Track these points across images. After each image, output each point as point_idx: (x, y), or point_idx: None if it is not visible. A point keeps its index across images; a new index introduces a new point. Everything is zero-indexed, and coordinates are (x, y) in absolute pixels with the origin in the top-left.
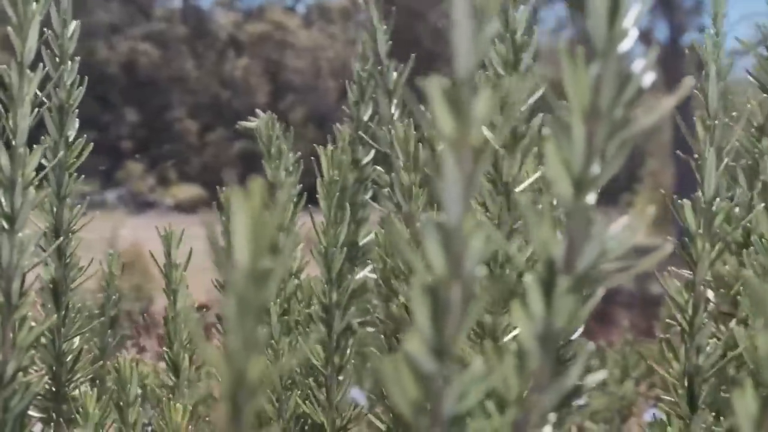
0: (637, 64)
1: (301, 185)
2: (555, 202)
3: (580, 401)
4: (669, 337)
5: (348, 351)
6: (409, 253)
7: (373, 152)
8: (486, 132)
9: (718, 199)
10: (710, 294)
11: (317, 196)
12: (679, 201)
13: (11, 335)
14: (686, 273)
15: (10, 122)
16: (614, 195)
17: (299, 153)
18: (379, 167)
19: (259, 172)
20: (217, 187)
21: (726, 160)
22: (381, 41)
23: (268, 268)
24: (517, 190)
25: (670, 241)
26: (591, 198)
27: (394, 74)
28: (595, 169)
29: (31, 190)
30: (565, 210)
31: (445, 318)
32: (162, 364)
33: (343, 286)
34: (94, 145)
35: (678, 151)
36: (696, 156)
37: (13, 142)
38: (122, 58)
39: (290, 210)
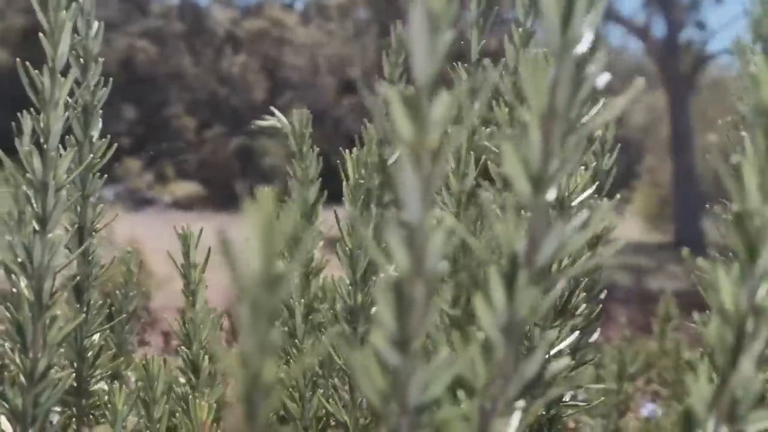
0: (591, 67)
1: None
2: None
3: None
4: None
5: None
6: (374, 251)
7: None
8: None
9: None
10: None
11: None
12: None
13: (42, 333)
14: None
15: (41, 125)
16: (611, 191)
17: (318, 149)
18: None
19: (256, 168)
20: (216, 184)
21: None
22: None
23: (280, 275)
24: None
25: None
26: (550, 195)
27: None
28: (553, 166)
29: (63, 192)
30: (525, 207)
31: (408, 313)
32: (173, 361)
33: (368, 287)
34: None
35: (707, 155)
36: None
37: (45, 146)
38: (119, 55)
39: (314, 209)
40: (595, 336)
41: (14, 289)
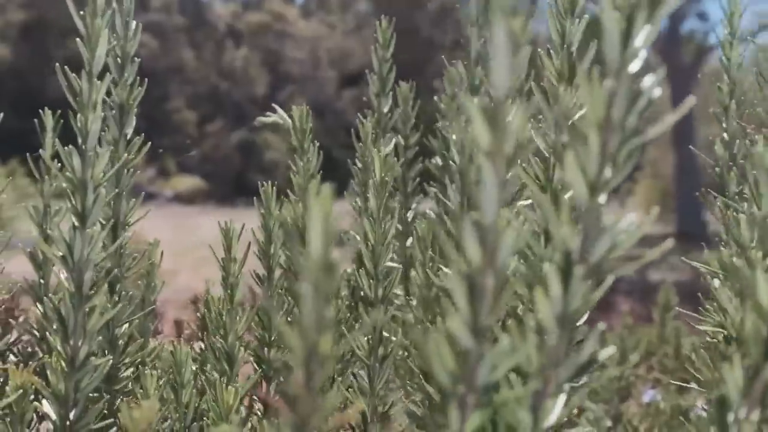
0: (647, 81)
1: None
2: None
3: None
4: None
5: (391, 343)
6: (448, 248)
7: (392, 145)
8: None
9: None
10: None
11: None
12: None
13: (83, 322)
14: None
15: (79, 125)
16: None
17: (318, 144)
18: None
19: (258, 162)
20: (218, 179)
21: None
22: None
23: (336, 261)
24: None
25: (670, 238)
26: (603, 198)
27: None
28: (607, 173)
29: (102, 189)
30: (581, 209)
31: (481, 302)
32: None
33: (389, 281)
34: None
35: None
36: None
37: (84, 146)
38: None
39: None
40: (602, 325)
41: (39, 281)
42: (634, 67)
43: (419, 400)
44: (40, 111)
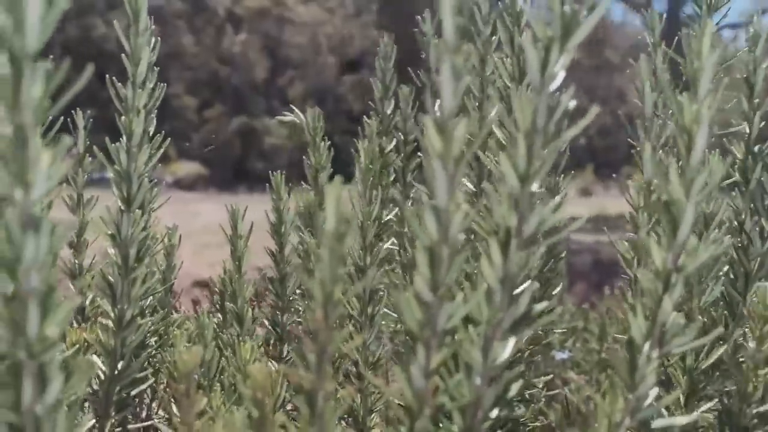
0: (564, 97)
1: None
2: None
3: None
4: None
5: (379, 303)
6: (414, 225)
7: (394, 142)
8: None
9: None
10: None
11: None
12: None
13: (128, 289)
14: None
15: (124, 125)
16: (615, 167)
17: (329, 142)
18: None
19: (258, 148)
20: (218, 164)
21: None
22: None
23: (345, 231)
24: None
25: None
26: (535, 186)
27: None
28: (534, 168)
29: (144, 178)
30: (515, 195)
31: (439, 267)
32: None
33: (374, 252)
34: (92, 122)
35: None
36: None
37: (129, 143)
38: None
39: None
40: (558, 289)
41: (74, 261)
42: (553, 86)
43: (400, 345)
44: (73, 112)
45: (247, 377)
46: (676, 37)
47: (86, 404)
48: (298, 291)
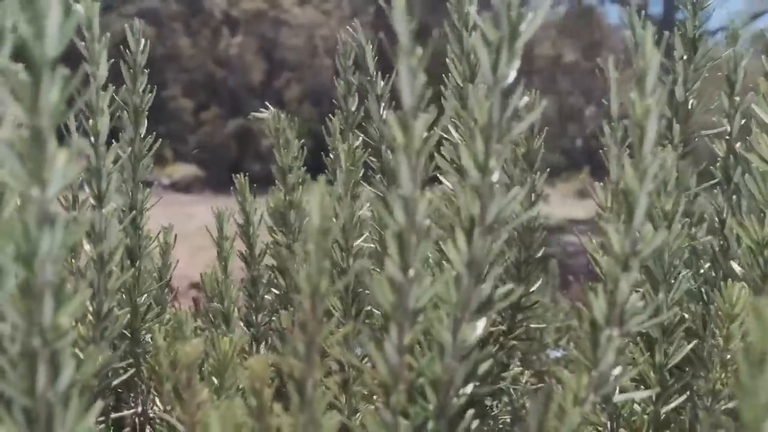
0: (516, 97)
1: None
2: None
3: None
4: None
5: (362, 302)
6: (384, 215)
7: (360, 140)
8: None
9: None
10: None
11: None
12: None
13: (104, 283)
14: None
15: (91, 126)
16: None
17: (303, 140)
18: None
19: (255, 150)
20: (214, 166)
21: None
22: (369, 57)
23: (329, 227)
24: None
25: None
26: (495, 177)
27: (381, 83)
28: (492, 160)
29: (113, 176)
30: (476, 186)
31: (407, 251)
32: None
33: (355, 253)
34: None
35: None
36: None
37: (96, 142)
38: (116, 38)
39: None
40: (536, 284)
41: (70, 259)
42: (504, 84)
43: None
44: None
45: (244, 369)
46: (666, 40)
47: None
48: (272, 290)
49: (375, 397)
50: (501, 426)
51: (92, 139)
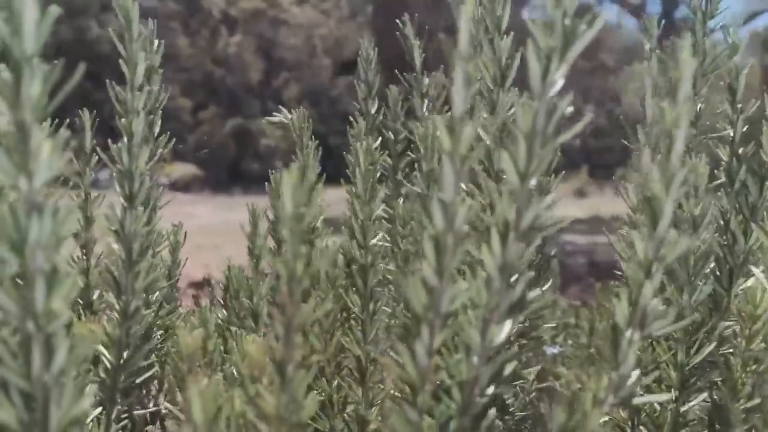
0: (562, 102)
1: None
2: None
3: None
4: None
5: (379, 300)
6: (422, 218)
7: (380, 140)
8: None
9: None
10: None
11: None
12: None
13: (132, 282)
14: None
15: (125, 126)
16: (609, 168)
17: (318, 141)
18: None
19: (254, 149)
20: (213, 166)
21: None
22: (416, 55)
23: (302, 212)
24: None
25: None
26: (533, 183)
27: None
28: (533, 166)
29: (146, 177)
30: (515, 191)
31: (444, 255)
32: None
33: (374, 250)
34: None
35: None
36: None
37: (130, 143)
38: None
39: (316, 188)
40: (548, 284)
41: (82, 257)
42: (552, 92)
43: (402, 326)
44: (80, 111)
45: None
46: (669, 42)
47: (96, 391)
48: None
49: (393, 392)
50: (517, 421)
51: (126, 139)
